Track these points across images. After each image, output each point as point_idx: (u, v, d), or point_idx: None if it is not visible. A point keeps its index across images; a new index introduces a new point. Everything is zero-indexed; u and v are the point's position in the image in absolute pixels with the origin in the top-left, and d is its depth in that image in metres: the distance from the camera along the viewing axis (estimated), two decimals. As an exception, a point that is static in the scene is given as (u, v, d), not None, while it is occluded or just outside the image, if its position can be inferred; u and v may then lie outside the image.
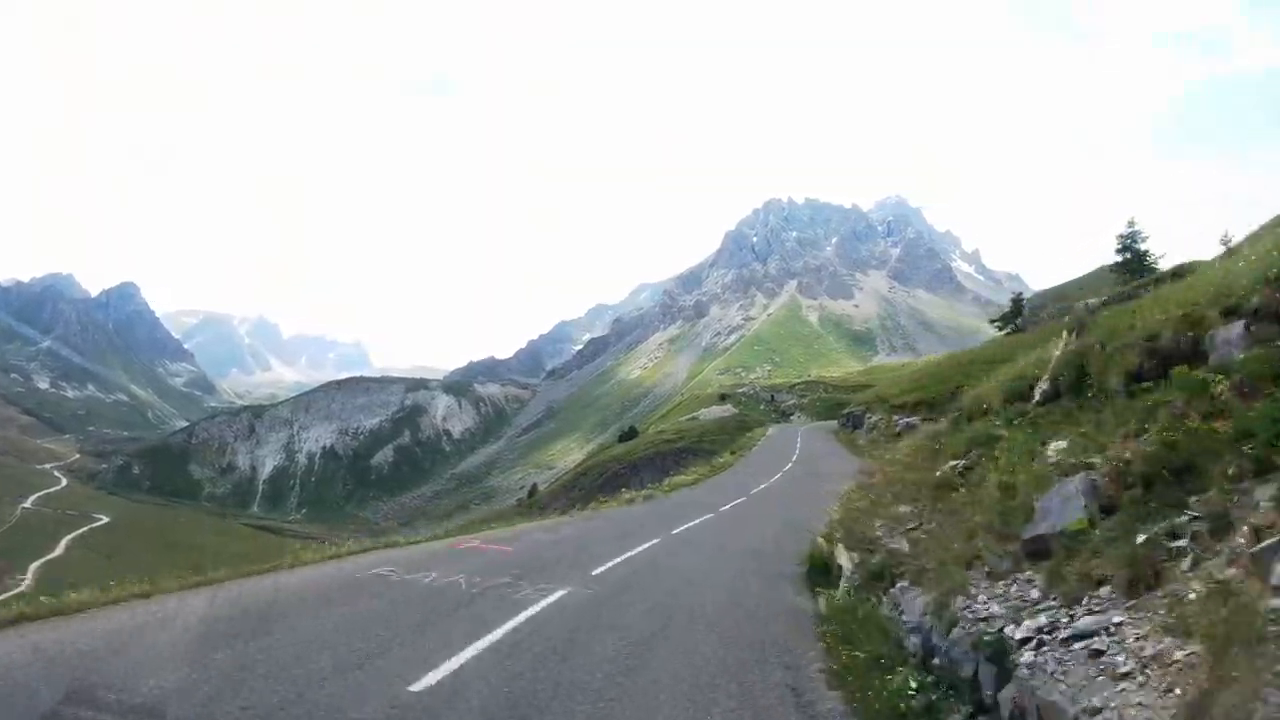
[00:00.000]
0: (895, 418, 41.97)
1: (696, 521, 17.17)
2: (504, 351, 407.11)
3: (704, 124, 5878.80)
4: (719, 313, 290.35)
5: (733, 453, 48.44)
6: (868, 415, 50.22)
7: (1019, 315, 55.41)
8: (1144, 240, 33.90)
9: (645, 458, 64.68)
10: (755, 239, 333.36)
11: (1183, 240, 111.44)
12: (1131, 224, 34.14)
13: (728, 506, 20.81)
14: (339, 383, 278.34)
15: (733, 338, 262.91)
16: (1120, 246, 34.55)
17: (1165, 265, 31.85)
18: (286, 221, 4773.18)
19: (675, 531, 15.34)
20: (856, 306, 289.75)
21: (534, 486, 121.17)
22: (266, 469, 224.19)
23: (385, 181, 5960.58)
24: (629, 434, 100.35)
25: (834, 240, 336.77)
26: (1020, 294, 58.23)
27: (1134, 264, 33.34)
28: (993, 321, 64.72)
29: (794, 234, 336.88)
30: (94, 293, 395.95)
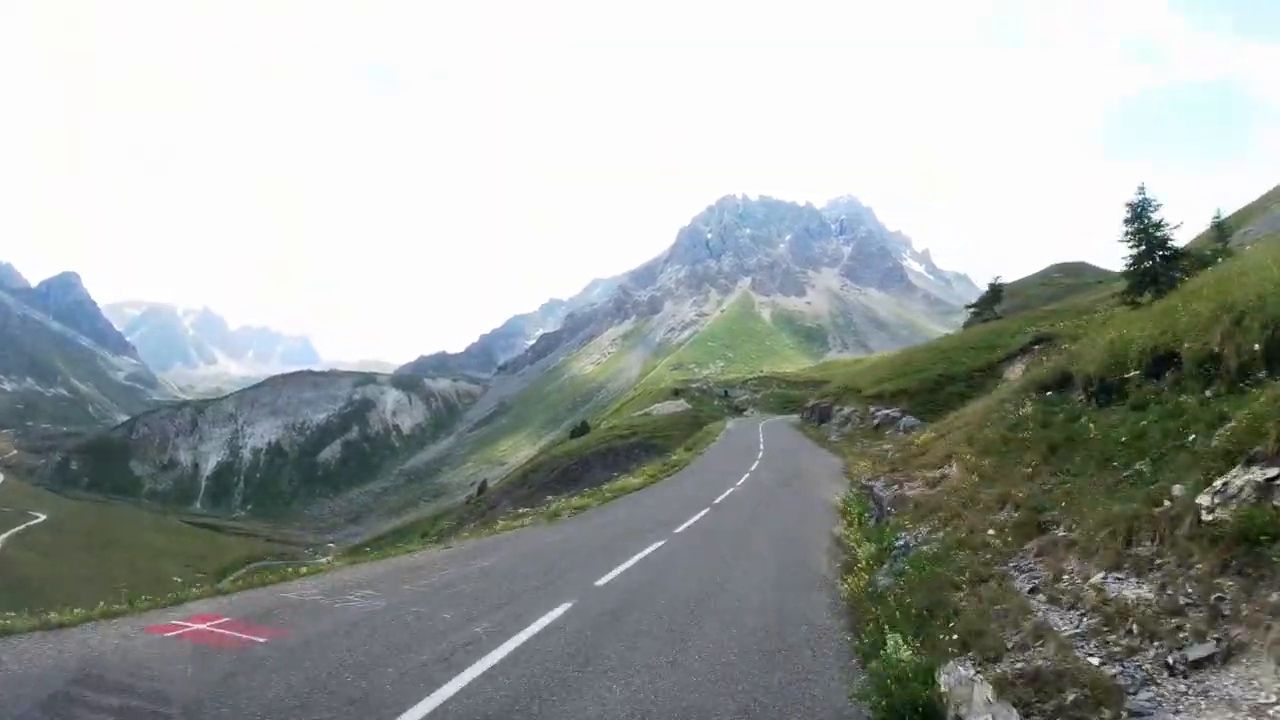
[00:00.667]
0: (872, 409, 37.50)
1: (640, 556, 11.44)
2: (455, 346, 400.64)
3: (661, 121, 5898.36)
4: (673, 309, 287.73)
5: (689, 449, 43.95)
6: (837, 408, 45.82)
7: (996, 302, 54.77)
8: (1156, 209, 29.16)
9: (597, 454, 61.56)
10: (710, 235, 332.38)
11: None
12: (1142, 190, 29.45)
13: (686, 525, 15.14)
14: (285, 376, 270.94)
15: (686, 334, 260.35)
16: (1130, 215, 29.83)
17: (1180, 235, 28.06)
18: (233, 212, 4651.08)
19: (603, 580, 9.50)
20: (809, 304, 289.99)
21: (484, 483, 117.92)
22: (210, 465, 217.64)
23: (333, 174, 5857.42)
24: (581, 429, 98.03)
25: (787, 238, 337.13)
26: (999, 277, 55.89)
27: (1146, 235, 28.77)
28: (969, 307, 63.06)
29: (748, 231, 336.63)
30: (33, 282, 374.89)
